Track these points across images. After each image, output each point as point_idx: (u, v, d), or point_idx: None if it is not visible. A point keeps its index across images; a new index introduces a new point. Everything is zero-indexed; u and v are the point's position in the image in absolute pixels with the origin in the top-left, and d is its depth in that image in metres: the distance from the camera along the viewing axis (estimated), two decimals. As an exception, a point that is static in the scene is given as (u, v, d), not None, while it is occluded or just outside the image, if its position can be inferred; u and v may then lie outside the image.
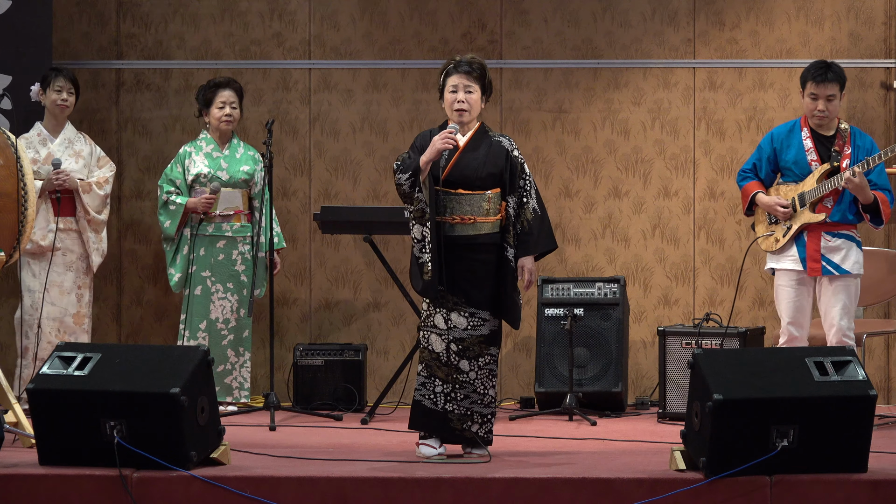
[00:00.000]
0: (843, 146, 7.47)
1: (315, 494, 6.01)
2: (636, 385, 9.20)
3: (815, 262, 7.45)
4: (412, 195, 6.67)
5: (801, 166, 7.51)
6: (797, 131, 7.57)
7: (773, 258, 7.60)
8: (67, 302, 8.37)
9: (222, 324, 8.59)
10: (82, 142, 8.54)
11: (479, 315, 6.71)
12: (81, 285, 8.44)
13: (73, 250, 8.41)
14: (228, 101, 8.62)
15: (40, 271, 8.31)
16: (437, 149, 6.62)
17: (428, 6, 9.33)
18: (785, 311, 7.52)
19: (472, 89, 6.74)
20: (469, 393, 6.71)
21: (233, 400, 8.60)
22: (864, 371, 6.10)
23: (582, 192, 9.29)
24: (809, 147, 7.50)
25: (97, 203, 8.45)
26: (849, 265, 7.44)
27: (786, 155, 7.56)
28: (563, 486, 6.00)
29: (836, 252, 7.45)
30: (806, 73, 7.50)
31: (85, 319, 8.42)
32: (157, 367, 6.17)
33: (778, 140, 7.61)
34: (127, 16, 9.38)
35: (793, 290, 7.50)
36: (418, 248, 6.70)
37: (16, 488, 6.04)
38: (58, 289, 8.34)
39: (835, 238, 7.46)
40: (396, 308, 9.28)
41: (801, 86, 7.51)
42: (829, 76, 7.42)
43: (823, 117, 7.45)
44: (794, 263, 7.50)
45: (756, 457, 5.91)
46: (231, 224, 8.63)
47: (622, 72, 9.28)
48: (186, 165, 8.63)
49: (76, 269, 8.41)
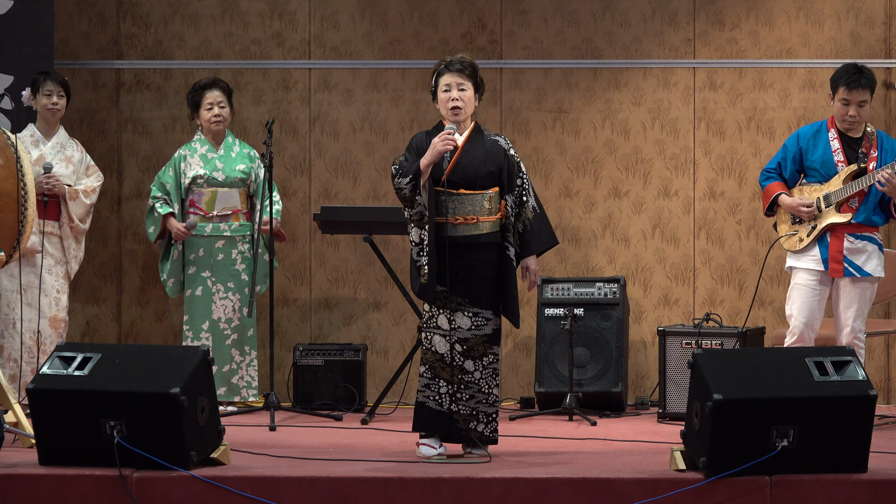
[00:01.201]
0: (871, 148, 7.46)
1: (315, 494, 6.01)
2: (636, 385, 9.20)
3: (838, 262, 7.43)
4: (413, 199, 6.68)
5: (828, 167, 7.49)
6: (824, 132, 7.55)
7: (794, 257, 7.58)
8: (45, 304, 8.30)
9: (225, 323, 8.59)
10: (74, 147, 8.51)
11: (482, 315, 6.73)
12: (59, 290, 8.36)
13: (53, 255, 8.34)
14: (216, 102, 8.61)
15: (16, 272, 8.24)
16: (438, 150, 6.62)
17: (428, 6, 9.33)
18: (799, 310, 7.49)
19: (465, 87, 6.75)
20: (474, 393, 6.72)
21: (240, 399, 8.60)
22: (864, 371, 6.10)
23: (582, 192, 9.29)
24: (837, 148, 7.49)
25: (82, 211, 8.39)
26: (870, 268, 7.44)
27: (812, 155, 7.55)
28: (562, 486, 6.00)
29: (858, 254, 7.44)
30: (838, 77, 7.45)
31: (61, 324, 8.32)
32: (157, 367, 6.17)
33: (804, 140, 7.59)
34: (127, 16, 9.38)
35: (811, 290, 7.48)
36: (416, 250, 6.71)
37: (16, 488, 6.05)
38: (35, 290, 8.27)
39: (858, 240, 7.45)
40: (396, 308, 9.28)
41: (832, 89, 7.48)
42: (861, 82, 7.39)
43: (854, 122, 7.44)
44: (815, 263, 7.48)
45: (756, 457, 5.91)
46: (230, 224, 8.63)
47: (622, 72, 9.28)
48: (182, 169, 8.62)
49: (55, 273, 8.34)
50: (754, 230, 9.20)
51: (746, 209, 9.19)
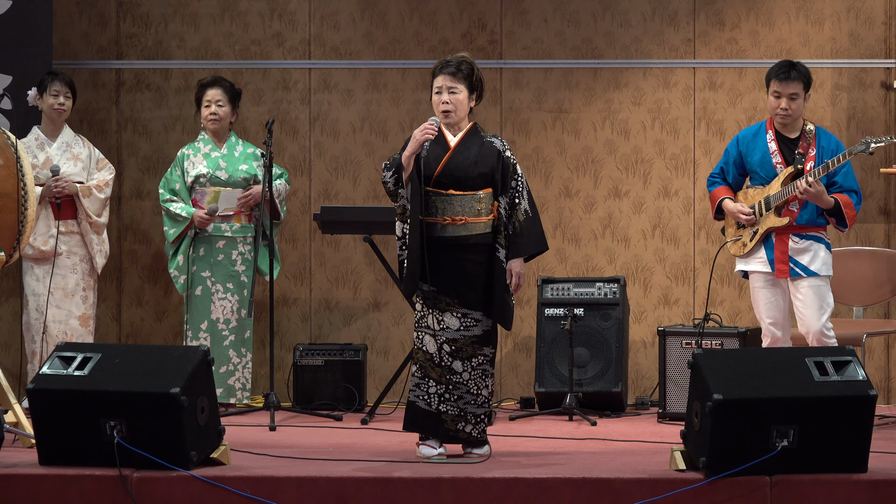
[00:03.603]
0: (808, 148, 7.43)
1: (315, 494, 6.01)
2: (636, 385, 9.20)
3: (783, 263, 7.42)
4: (396, 192, 6.70)
5: (767, 169, 7.48)
6: (762, 134, 7.54)
7: (743, 261, 7.59)
8: (72, 304, 8.35)
9: (223, 324, 8.58)
10: (80, 144, 8.53)
11: (471, 316, 6.71)
12: (86, 287, 8.42)
13: (77, 252, 8.40)
14: (214, 100, 8.62)
15: (44, 275, 8.30)
16: (418, 140, 6.63)
17: (428, 6, 9.33)
18: (764, 312, 7.50)
19: (456, 90, 6.74)
20: (462, 394, 6.71)
21: (235, 401, 8.60)
22: (864, 371, 6.11)
23: (582, 192, 9.29)
24: (774, 150, 7.47)
25: (97, 206, 8.43)
26: (816, 266, 7.40)
27: (751, 158, 7.53)
28: (562, 485, 6.00)
29: (803, 254, 7.41)
30: (770, 71, 7.46)
31: (90, 321, 8.41)
32: (157, 367, 6.17)
33: (744, 143, 7.58)
34: (127, 16, 9.38)
35: (767, 290, 7.48)
36: (399, 244, 6.72)
37: (16, 488, 6.05)
38: (62, 291, 8.33)
39: (802, 240, 7.42)
40: (396, 308, 9.28)
41: (766, 84, 7.49)
42: (792, 74, 7.38)
43: (786, 116, 7.41)
44: (762, 265, 7.48)
45: (756, 457, 5.92)
46: (231, 224, 8.62)
47: (622, 72, 9.28)
48: (186, 168, 8.63)
49: (80, 271, 8.40)
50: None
51: (746, 209, 9.18)
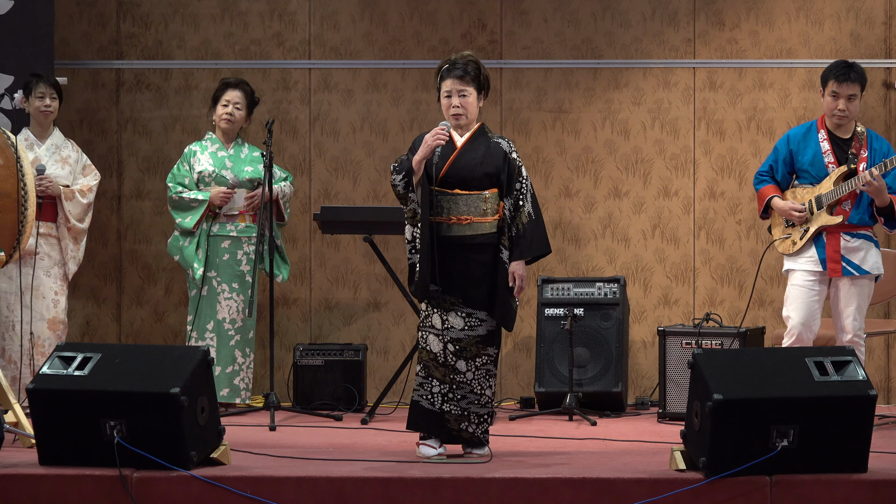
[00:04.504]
0: (860, 149, 7.46)
1: (315, 494, 6.01)
2: (636, 385, 9.20)
3: (836, 262, 7.43)
4: (406, 196, 6.69)
5: (818, 168, 7.49)
6: (814, 133, 7.55)
7: (791, 259, 7.57)
8: (42, 306, 8.28)
9: (229, 324, 8.58)
10: (69, 148, 8.48)
11: (476, 315, 6.71)
12: (58, 291, 8.33)
13: (51, 256, 8.31)
14: (232, 101, 8.63)
15: (17, 274, 8.23)
16: (430, 146, 6.62)
17: (428, 6, 9.33)
18: (797, 311, 7.48)
19: (466, 93, 6.73)
20: (466, 393, 6.71)
21: (240, 401, 8.60)
22: (864, 371, 6.10)
23: (582, 192, 9.29)
24: (826, 149, 7.48)
25: (79, 211, 8.37)
26: (868, 265, 7.44)
27: (802, 157, 7.54)
28: (562, 486, 6.00)
29: (855, 252, 7.44)
30: (828, 71, 7.45)
31: (60, 325, 8.29)
32: (157, 367, 6.17)
33: (795, 142, 7.59)
34: (127, 16, 9.38)
35: (809, 290, 7.47)
36: (408, 248, 6.72)
37: (16, 488, 6.05)
38: (33, 292, 8.25)
39: (854, 239, 7.45)
40: (396, 308, 9.28)
41: (822, 84, 7.48)
42: (851, 75, 7.39)
43: (843, 117, 7.43)
44: (812, 264, 7.48)
45: (756, 457, 5.91)
46: (236, 224, 8.63)
47: (622, 72, 9.28)
48: (192, 164, 8.63)
49: (53, 275, 8.31)
50: (754, 230, 9.20)
51: (746, 209, 9.19)
